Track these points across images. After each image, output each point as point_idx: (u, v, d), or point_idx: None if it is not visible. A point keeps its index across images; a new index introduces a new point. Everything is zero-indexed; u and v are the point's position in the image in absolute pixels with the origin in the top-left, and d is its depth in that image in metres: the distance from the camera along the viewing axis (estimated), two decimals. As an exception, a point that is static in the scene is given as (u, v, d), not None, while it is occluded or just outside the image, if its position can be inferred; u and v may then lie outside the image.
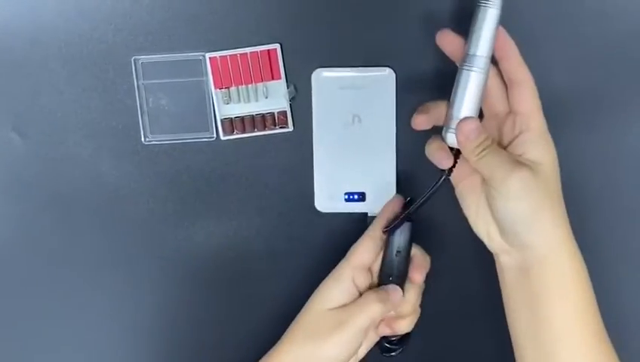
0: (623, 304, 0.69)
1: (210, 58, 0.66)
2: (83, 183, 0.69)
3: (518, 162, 0.56)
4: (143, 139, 0.68)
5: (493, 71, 0.58)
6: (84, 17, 0.66)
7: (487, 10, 0.56)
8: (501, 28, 0.57)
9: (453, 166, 0.59)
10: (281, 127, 0.68)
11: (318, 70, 0.66)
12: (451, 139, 0.58)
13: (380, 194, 0.67)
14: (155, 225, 0.69)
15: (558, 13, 0.65)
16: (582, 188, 0.67)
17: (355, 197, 0.68)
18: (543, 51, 0.66)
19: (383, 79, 0.67)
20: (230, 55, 0.66)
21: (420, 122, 0.59)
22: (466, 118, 0.56)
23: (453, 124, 0.57)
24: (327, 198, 0.68)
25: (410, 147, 0.67)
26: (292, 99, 0.67)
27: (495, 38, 0.57)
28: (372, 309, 0.60)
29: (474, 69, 0.57)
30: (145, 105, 0.67)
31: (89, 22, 0.66)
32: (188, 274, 0.70)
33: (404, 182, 0.68)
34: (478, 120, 0.57)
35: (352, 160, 0.68)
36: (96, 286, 0.71)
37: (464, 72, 0.57)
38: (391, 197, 0.66)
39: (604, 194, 0.68)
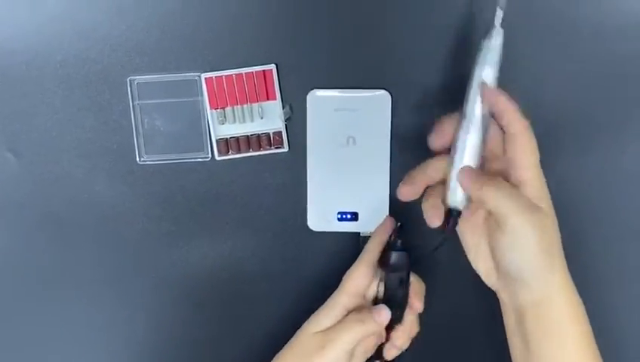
0: (620, 323, 0.69)
1: (205, 78, 0.66)
2: (77, 203, 0.68)
3: (530, 204, 0.55)
4: (137, 159, 0.68)
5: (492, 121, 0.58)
6: (80, 37, 0.66)
7: (483, 69, 0.56)
8: (493, 87, 0.57)
9: (454, 226, 0.58)
10: (276, 148, 0.68)
11: (313, 91, 0.67)
12: (452, 198, 0.57)
13: (373, 214, 0.67)
14: (150, 245, 0.69)
15: (553, 33, 0.66)
16: (579, 209, 0.67)
17: (348, 216, 0.68)
18: (538, 71, 0.66)
19: (378, 100, 0.67)
20: (226, 75, 0.66)
21: (406, 193, 0.59)
22: (465, 166, 0.57)
23: (454, 184, 0.57)
24: (320, 218, 0.68)
25: (405, 168, 0.66)
26: (287, 120, 0.67)
27: (492, 96, 0.56)
28: (353, 330, 0.60)
29: (471, 130, 0.57)
30: (140, 126, 0.67)
31: (85, 42, 0.66)
32: (182, 295, 0.70)
33: (397, 203, 0.67)
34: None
35: (346, 180, 0.68)
36: (89, 306, 0.70)
37: (462, 134, 0.57)
38: (383, 217, 0.66)
39: (601, 215, 0.68)
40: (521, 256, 0.55)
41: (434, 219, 0.58)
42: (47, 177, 0.68)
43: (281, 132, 0.67)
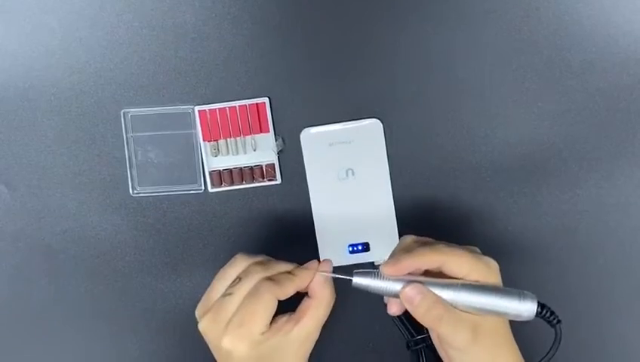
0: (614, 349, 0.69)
1: (199, 111, 0.67)
2: (70, 235, 0.69)
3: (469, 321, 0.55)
4: (131, 191, 0.68)
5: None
6: (74, 70, 0.67)
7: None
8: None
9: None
10: (269, 180, 0.68)
11: (306, 129, 0.67)
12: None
13: (383, 241, 0.67)
14: (142, 277, 0.69)
15: (545, 67, 0.66)
16: (570, 240, 0.68)
17: (359, 248, 0.68)
18: (531, 104, 0.66)
19: (370, 130, 0.67)
20: (219, 108, 0.67)
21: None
22: (408, 287, 0.54)
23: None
24: (332, 252, 0.68)
25: (407, 192, 0.67)
26: (280, 152, 0.67)
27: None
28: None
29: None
30: (133, 158, 0.68)
31: (79, 75, 0.67)
32: (174, 326, 0.69)
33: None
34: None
35: (352, 212, 0.68)
36: (81, 337, 0.70)
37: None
38: (395, 244, 0.60)
39: (592, 247, 0.68)
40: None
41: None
42: (40, 209, 0.68)
43: (273, 164, 0.67)
